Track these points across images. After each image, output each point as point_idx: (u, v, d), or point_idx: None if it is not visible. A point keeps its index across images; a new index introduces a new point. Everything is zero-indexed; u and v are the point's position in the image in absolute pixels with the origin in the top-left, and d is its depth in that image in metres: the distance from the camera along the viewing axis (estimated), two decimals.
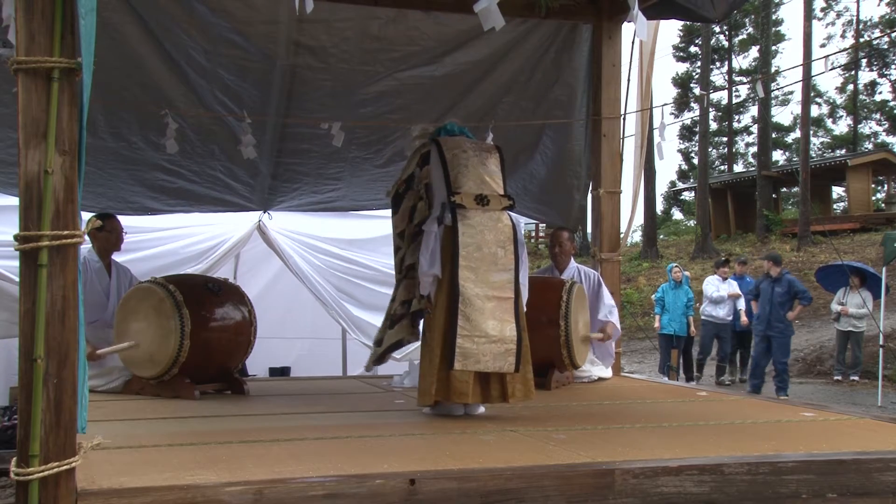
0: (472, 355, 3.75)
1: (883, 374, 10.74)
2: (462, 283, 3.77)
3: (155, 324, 4.63)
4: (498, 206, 3.92)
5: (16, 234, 2.20)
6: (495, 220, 3.90)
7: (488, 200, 3.90)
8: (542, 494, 2.59)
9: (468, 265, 3.80)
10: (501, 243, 3.87)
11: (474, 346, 3.75)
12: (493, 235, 3.87)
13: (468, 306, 3.77)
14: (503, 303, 3.84)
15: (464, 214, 3.85)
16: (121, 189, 6.07)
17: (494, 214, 3.91)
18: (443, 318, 3.81)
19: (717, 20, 6.00)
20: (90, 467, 2.45)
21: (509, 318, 3.83)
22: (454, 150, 3.99)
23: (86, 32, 2.19)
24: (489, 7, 3.18)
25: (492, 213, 3.90)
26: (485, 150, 4.08)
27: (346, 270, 7.47)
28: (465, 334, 3.75)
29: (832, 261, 13.83)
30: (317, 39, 5.49)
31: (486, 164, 4.00)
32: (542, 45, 6.02)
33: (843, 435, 3.55)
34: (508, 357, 3.80)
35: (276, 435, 3.35)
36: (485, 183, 3.95)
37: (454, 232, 3.82)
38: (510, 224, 3.93)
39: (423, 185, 4.11)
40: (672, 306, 11.83)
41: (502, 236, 3.88)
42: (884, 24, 30.35)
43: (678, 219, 39.25)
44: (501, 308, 3.83)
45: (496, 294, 3.83)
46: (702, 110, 27.80)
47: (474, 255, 3.82)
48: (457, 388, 3.79)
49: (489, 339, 3.77)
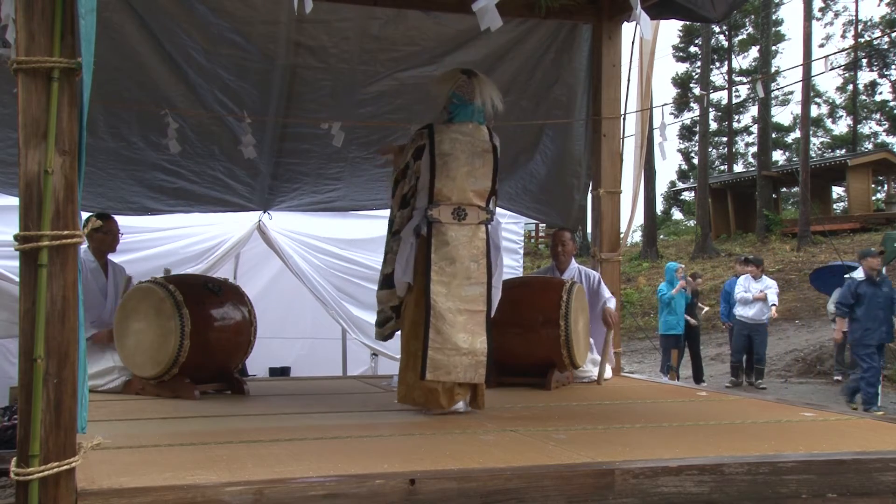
0: (443, 366, 3.86)
1: (883, 374, 10.73)
2: (433, 298, 3.88)
3: (155, 324, 4.63)
4: (475, 221, 3.96)
5: (16, 234, 2.20)
6: (471, 236, 3.95)
7: (466, 214, 3.94)
8: (542, 494, 2.59)
9: (440, 279, 3.90)
10: (475, 258, 3.93)
11: (445, 358, 3.86)
12: (466, 251, 3.92)
13: (439, 319, 3.86)
14: (475, 316, 3.91)
15: (439, 230, 3.92)
16: (121, 189, 6.07)
17: (470, 229, 3.95)
18: (415, 330, 3.93)
19: (717, 20, 6.01)
20: (90, 467, 2.45)
21: (480, 330, 3.91)
22: (446, 154, 3.98)
23: (86, 32, 2.19)
24: (487, 6, 3.17)
25: (468, 227, 3.94)
26: (479, 152, 4.03)
27: (346, 270, 7.47)
28: (437, 346, 3.86)
29: (832, 261, 13.82)
30: (317, 39, 5.49)
31: (475, 169, 3.98)
32: (542, 45, 6.02)
33: (843, 435, 3.54)
34: (479, 369, 3.89)
35: (276, 435, 3.35)
36: (467, 192, 3.96)
37: (428, 245, 3.93)
38: (485, 238, 3.97)
39: (415, 177, 4.11)
40: (678, 307, 11.75)
41: (476, 251, 3.93)
42: (884, 24, 30.35)
43: (678, 219, 39.28)
44: (473, 321, 3.90)
45: (467, 307, 3.90)
46: (702, 110, 27.82)
47: (447, 270, 3.90)
48: (428, 396, 3.92)
49: (459, 351, 3.87)
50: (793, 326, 16.45)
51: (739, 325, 11.97)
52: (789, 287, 18.44)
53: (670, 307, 11.81)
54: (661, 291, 12.17)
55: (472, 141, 4.04)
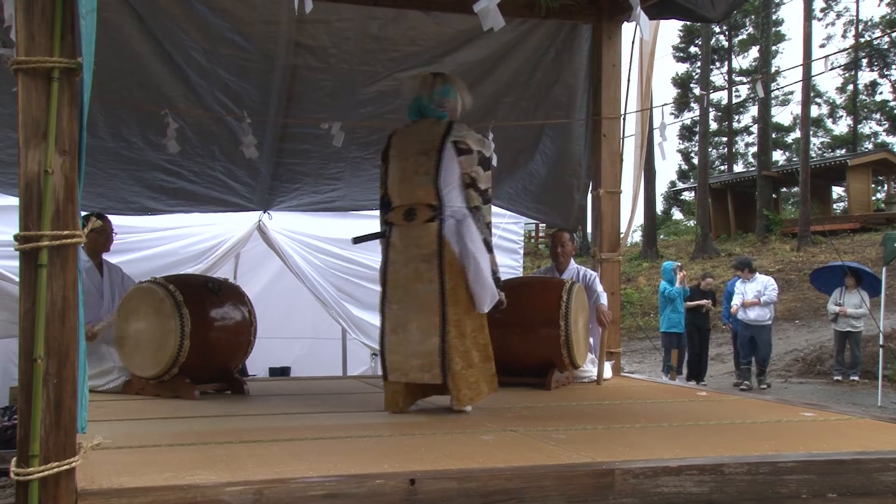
0: (399, 368, 3.93)
1: (883, 374, 10.74)
2: (388, 302, 3.96)
3: (155, 324, 4.63)
4: (423, 219, 3.92)
5: (16, 234, 2.20)
6: (420, 236, 3.93)
7: (415, 215, 3.93)
8: (542, 494, 2.59)
9: (395, 282, 3.96)
10: (426, 258, 3.89)
11: (402, 359, 3.92)
12: (417, 251, 3.92)
13: (393, 322, 3.93)
14: (426, 317, 3.87)
15: (394, 232, 3.98)
16: (121, 189, 6.07)
17: (419, 229, 3.93)
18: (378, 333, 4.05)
19: (717, 20, 6.00)
20: (90, 467, 2.45)
21: (434, 331, 3.87)
22: (395, 156, 4.04)
23: (86, 32, 2.19)
24: (489, 7, 3.17)
25: (418, 226, 3.93)
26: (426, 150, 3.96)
27: (346, 270, 7.47)
28: (392, 349, 3.94)
29: (832, 261, 13.82)
30: (317, 40, 5.49)
31: (419, 167, 3.95)
32: (542, 45, 6.02)
33: (843, 435, 3.54)
34: (433, 369, 3.88)
35: (276, 435, 3.35)
36: (416, 192, 3.95)
37: (386, 249, 4.01)
38: (434, 238, 3.89)
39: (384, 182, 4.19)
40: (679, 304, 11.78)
41: (426, 251, 3.89)
42: (884, 24, 30.35)
43: (678, 219, 39.28)
44: (426, 322, 3.88)
45: (419, 308, 3.89)
46: (702, 110, 27.82)
47: (401, 272, 3.94)
48: (390, 397, 4.00)
49: (413, 353, 3.89)
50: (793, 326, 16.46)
51: (742, 328, 11.95)
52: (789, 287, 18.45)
53: (673, 304, 11.78)
54: (662, 289, 12.15)
55: (422, 139, 4.01)
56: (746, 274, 12.09)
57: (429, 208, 3.93)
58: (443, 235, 3.90)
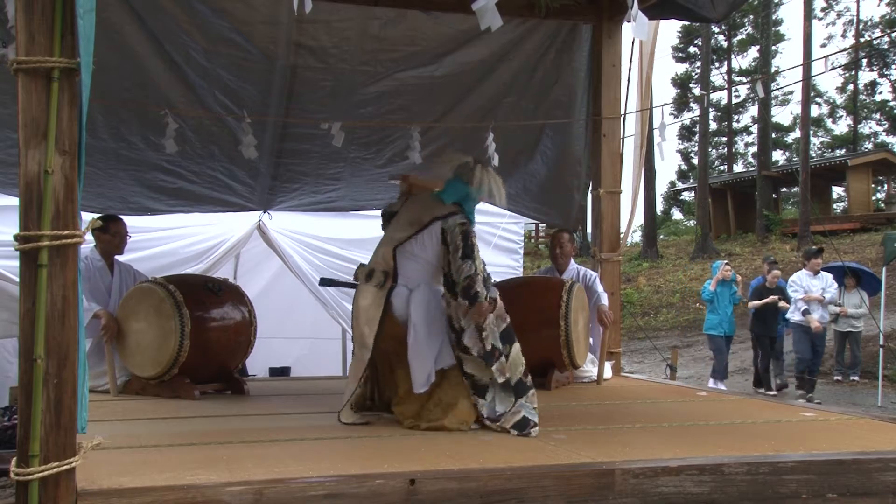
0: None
1: (883, 374, 10.74)
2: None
3: (155, 324, 4.63)
4: (376, 282, 3.82)
5: (16, 234, 2.20)
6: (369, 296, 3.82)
7: (372, 275, 3.87)
8: (542, 494, 2.59)
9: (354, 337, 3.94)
10: (368, 321, 3.78)
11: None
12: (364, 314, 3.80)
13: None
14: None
15: (357, 288, 3.94)
16: (121, 189, 6.07)
17: (371, 290, 3.82)
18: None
19: (717, 20, 6.00)
20: (90, 467, 2.45)
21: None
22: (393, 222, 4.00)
23: (84, 32, 2.19)
24: (487, 6, 3.17)
25: (369, 287, 3.83)
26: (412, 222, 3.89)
27: (347, 270, 7.45)
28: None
29: (832, 261, 13.79)
30: (317, 40, 5.49)
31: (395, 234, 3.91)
32: (542, 45, 6.02)
33: (843, 435, 3.55)
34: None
35: (276, 435, 3.36)
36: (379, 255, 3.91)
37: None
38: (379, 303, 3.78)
39: None
40: (720, 305, 11.05)
41: (369, 314, 3.78)
42: (884, 24, 30.34)
43: (678, 219, 39.26)
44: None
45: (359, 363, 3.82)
46: (702, 110, 27.81)
47: (355, 329, 3.89)
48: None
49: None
50: None
51: (800, 331, 10.71)
52: None
53: (713, 305, 11.10)
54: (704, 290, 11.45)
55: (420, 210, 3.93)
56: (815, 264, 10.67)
57: (381, 272, 3.84)
58: (390, 300, 3.80)
